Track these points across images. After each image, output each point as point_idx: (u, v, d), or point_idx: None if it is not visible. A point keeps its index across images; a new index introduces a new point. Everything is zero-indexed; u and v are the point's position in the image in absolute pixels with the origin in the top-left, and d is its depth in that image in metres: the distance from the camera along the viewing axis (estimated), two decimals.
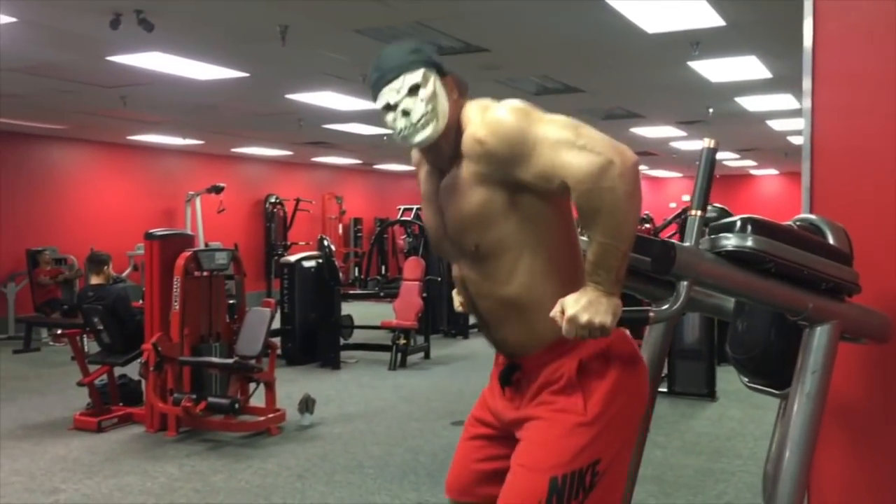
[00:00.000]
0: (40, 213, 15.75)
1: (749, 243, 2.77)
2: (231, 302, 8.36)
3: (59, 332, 12.94)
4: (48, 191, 16.02)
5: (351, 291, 15.04)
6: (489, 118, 2.68)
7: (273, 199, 21.06)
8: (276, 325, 9.57)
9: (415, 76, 2.77)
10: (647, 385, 2.89)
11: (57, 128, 14.97)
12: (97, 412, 7.76)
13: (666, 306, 2.64)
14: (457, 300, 3.37)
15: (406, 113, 2.76)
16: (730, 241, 2.80)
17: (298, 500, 5.72)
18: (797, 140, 18.07)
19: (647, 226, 14.29)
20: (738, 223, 2.82)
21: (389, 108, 2.81)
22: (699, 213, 2.69)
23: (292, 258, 11.92)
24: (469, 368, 10.90)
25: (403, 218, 15.85)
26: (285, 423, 7.61)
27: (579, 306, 2.52)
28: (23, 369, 11.18)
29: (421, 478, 6.17)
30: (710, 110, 13.61)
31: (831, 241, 3.05)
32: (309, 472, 6.35)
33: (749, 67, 10.04)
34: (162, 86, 10.77)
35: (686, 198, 25.82)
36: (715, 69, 10.15)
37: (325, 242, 12.07)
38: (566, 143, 2.56)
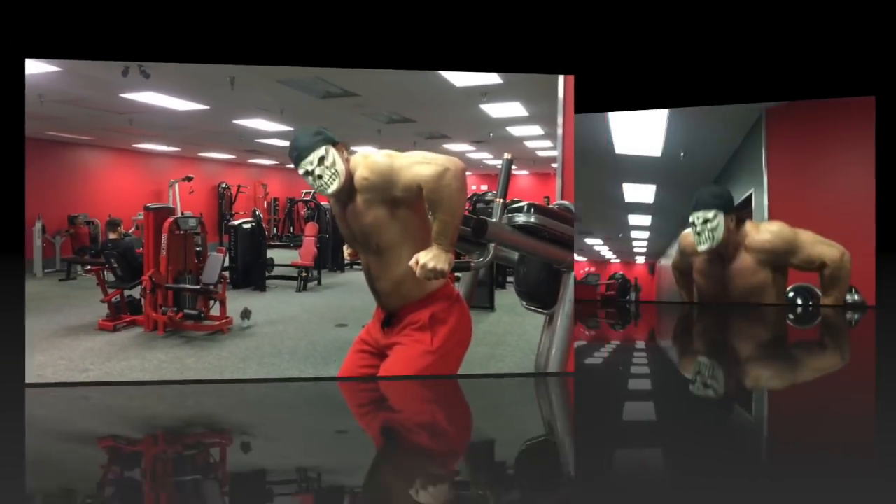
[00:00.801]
0: (75, 190, 14.81)
1: (532, 220, 2.87)
2: (198, 249, 8.10)
3: (88, 268, 12.29)
4: (81, 177, 15.07)
5: (272, 243, 14.63)
6: (369, 162, 2.76)
7: (223, 185, 20.23)
8: (226, 264, 9.29)
9: (320, 151, 2.82)
10: (470, 326, 2.94)
11: (85, 138, 14.07)
12: (113, 319, 7.44)
13: (481, 259, 2.72)
14: (346, 251, 3.38)
15: (319, 177, 2.77)
16: (520, 218, 2.89)
17: (241, 374, 5.64)
18: (542, 153, 18.36)
19: None
20: (525, 206, 2.92)
21: (308, 173, 2.79)
22: (502, 200, 2.77)
23: (236, 222, 11.54)
24: (346, 291, 10.71)
25: (305, 198, 15.46)
26: (232, 326, 7.43)
27: (428, 257, 2.62)
28: (66, 291, 10.51)
29: (318, 360, 6.17)
30: (491, 134, 13.73)
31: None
32: (248, 356, 6.26)
33: (514, 109, 10.16)
34: (155, 113, 10.25)
35: (477, 187, 26.01)
36: (495, 109, 10.23)
37: (256, 213, 11.75)
38: (418, 162, 2.64)
